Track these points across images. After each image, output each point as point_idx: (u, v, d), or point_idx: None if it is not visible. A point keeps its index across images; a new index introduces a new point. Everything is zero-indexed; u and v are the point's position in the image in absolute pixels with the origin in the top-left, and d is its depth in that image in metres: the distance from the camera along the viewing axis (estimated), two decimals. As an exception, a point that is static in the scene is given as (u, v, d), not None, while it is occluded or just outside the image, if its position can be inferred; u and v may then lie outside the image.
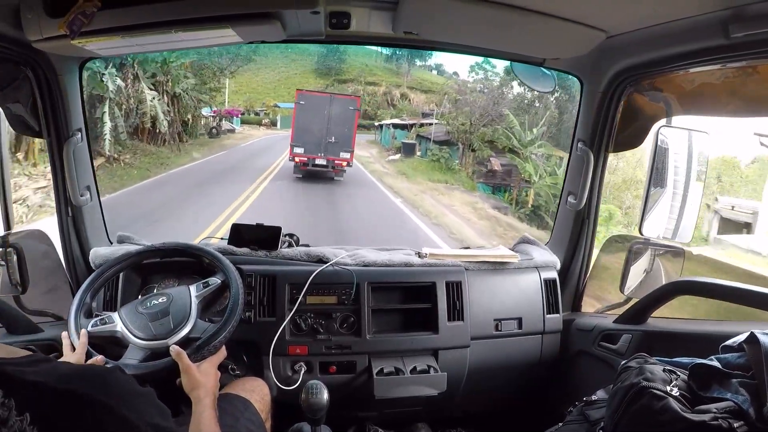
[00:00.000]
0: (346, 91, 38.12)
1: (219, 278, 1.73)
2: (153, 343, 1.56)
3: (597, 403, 1.49)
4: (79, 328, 1.60)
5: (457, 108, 25.59)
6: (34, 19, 1.44)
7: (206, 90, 24.48)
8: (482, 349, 2.10)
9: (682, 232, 1.96)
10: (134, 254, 1.84)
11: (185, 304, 1.65)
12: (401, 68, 44.44)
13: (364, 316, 2.00)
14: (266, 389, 1.74)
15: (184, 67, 19.94)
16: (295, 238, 2.23)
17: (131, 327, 1.60)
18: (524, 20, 1.56)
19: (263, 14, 1.53)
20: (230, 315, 1.62)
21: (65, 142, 1.93)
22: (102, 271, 1.79)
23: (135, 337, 1.58)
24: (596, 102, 2.04)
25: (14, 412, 0.56)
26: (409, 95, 41.62)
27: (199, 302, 1.67)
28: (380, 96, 41.65)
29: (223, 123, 30.98)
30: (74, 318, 1.62)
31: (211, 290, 1.71)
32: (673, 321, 1.92)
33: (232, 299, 1.66)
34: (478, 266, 2.17)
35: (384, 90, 42.42)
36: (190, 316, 1.62)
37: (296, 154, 16.84)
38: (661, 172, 1.96)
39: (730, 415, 1.08)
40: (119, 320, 1.62)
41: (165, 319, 1.61)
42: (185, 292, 1.70)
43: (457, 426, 2.38)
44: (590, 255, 2.29)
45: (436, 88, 38.74)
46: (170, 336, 1.57)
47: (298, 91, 18.18)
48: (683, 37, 1.53)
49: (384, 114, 37.93)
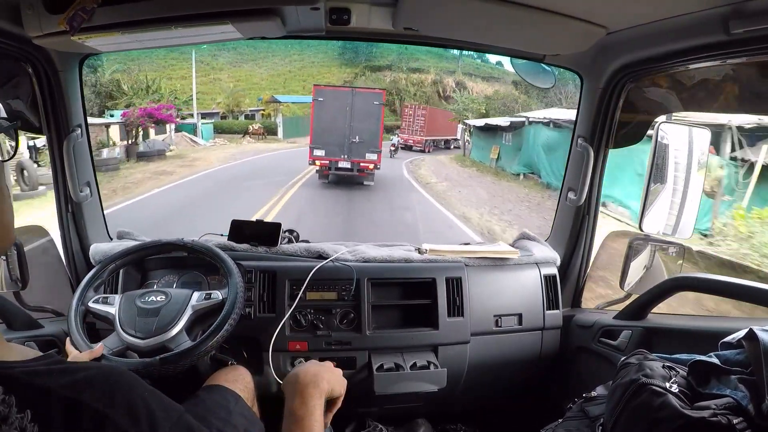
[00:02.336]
0: (383, 82, 33.53)
1: (222, 294, 1.69)
2: (130, 339, 1.56)
3: (597, 399, 1.49)
4: (80, 326, 1.60)
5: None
6: (34, 15, 1.44)
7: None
8: (482, 345, 2.10)
9: (683, 228, 1.96)
10: (135, 250, 1.84)
11: (177, 311, 1.63)
12: (449, 50, 33.05)
13: (364, 312, 2.00)
14: (249, 377, 1.72)
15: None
16: (294, 234, 2.23)
17: (122, 315, 1.60)
18: (524, 16, 1.56)
19: (263, 10, 1.53)
20: (208, 336, 1.57)
21: (65, 138, 1.93)
22: (102, 266, 1.79)
23: (120, 326, 1.58)
24: (596, 98, 2.03)
25: (14, 409, 0.56)
26: (466, 83, 34.00)
27: (193, 313, 1.65)
28: (429, 86, 34.69)
29: (153, 140, 19.67)
30: (75, 316, 1.63)
31: (210, 305, 1.67)
32: (673, 317, 1.92)
33: (220, 318, 1.62)
34: (478, 262, 2.17)
35: (433, 78, 35.26)
36: (175, 324, 1.59)
37: (316, 157, 15.31)
38: (661, 168, 1.96)
39: (729, 411, 1.09)
40: (117, 304, 1.63)
41: (152, 319, 1.59)
42: (185, 297, 1.68)
43: (457, 422, 2.39)
44: (590, 251, 2.29)
45: (497, 74, 32.37)
46: (148, 338, 1.55)
47: (315, 86, 16.39)
48: (683, 33, 1.53)
49: (465, 111, 28.44)
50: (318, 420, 1.09)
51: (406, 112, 28.06)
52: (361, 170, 15.27)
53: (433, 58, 35.84)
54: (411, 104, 28.42)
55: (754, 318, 1.76)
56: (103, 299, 1.66)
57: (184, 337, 1.59)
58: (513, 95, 29.93)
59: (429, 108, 26.85)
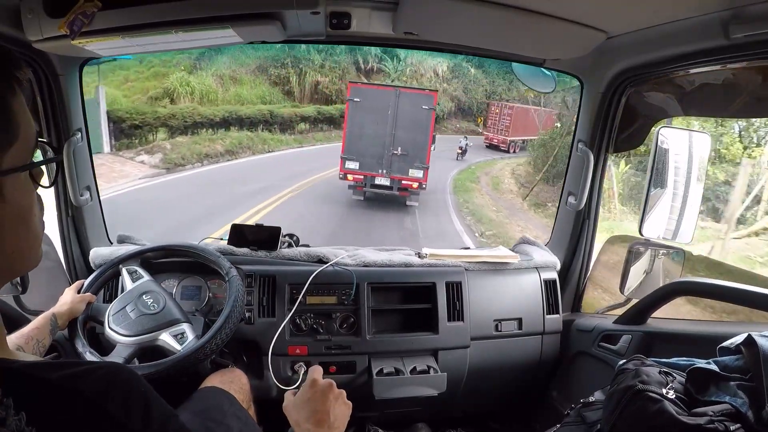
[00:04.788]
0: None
1: (193, 334, 1.65)
2: (112, 333, 1.62)
3: (594, 405, 1.48)
4: (84, 345, 1.62)
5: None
6: (34, 19, 1.44)
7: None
8: (482, 349, 2.10)
9: (683, 233, 1.96)
10: (135, 254, 1.85)
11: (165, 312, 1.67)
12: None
13: (364, 317, 2.00)
14: (244, 379, 1.73)
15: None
16: (294, 238, 2.23)
17: (113, 324, 1.64)
18: (524, 21, 1.56)
19: (263, 14, 1.53)
20: (209, 340, 1.59)
21: (65, 142, 1.93)
22: (102, 270, 1.80)
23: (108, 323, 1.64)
24: (596, 102, 2.04)
25: (12, 410, 0.56)
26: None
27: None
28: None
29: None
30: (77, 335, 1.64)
31: (163, 347, 1.65)
32: (672, 321, 1.92)
33: (221, 321, 1.64)
34: (478, 266, 2.17)
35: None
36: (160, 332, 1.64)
37: (349, 170, 12.44)
38: (662, 172, 1.96)
39: (726, 417, 1.09)
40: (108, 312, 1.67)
41: (140, 317, 1.65)
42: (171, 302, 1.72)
43: (457, 426, 2.38)
44: (590, 255, 2.29)
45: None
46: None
47: (351, 84, 13.47)
48: (683, 38, 1.53)
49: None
50: None
51: (492, 110, 25.70)
52: (404, 189, 12.51)
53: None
54: (497, 102, 25.90)
55: (753, 323, 1.75)
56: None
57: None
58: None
59: (516, 106, 24.20)
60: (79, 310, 1.67)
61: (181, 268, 1.99)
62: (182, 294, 2.00)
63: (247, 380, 1.73)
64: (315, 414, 1.12)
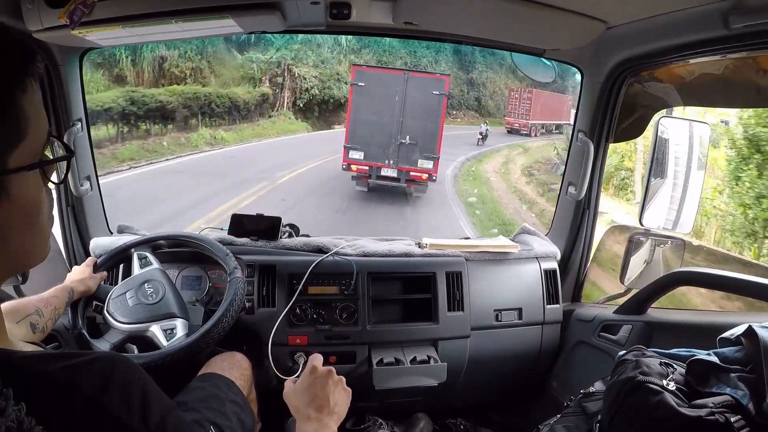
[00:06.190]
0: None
1: (183, 330, 1.68)
2: (108, 317, 1.65)
3: (595, 395, 1.48)
4: (82, 321, 1.65)
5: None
6: (34, 9, 1.44)
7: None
8: (482, 339, 2.10)
9: (683, 223, 1.96)
10: (148, 239, 1.87)
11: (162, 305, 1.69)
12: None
13: (364, 307, 2.00)
14: (246, 363, 1.73)
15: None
16: (295, 228, 2.23)
17: (112, 308, 1.66)
18: (524, 11, 1.56)
19: (263, 4, 1.53)
20: (209, 330, 1.62)
21: (65, 132, 1.93)
22: (116, 252, 1.83)
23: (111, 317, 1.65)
24: (596, 93, 2.04)
25: (12, 401, 0.56)
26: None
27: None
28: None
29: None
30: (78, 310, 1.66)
31: (150, 339, 1.67)
32: (673, 311, 1.93)
33: (221, 311, 1.67)
34: (479, 256, 2.17)
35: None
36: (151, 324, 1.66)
37: (352, 160, 11.56)
38: (662, 162, 1.96)
39: (727, 409, 1.08)
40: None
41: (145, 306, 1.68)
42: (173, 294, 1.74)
43: (457, 416, 2.39)
44: (590, 245, 2.30)
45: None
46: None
47: (354, 67, 12.60)
48: (683, 28, 1.53)
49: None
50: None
51: (511, 95, 25.53)
52: (412, 180, 11.66)
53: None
54: (516, 87, 25.53)
55: (754, 312, 1.76)
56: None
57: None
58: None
59: (535, 91, 23.99)
60: (92, 288, 1.69)
61: (182, 257, 2.00)
62: (183, 284, 2.01)
63: (248, 364, 1.72)
64: (315, 400, 1.13)
